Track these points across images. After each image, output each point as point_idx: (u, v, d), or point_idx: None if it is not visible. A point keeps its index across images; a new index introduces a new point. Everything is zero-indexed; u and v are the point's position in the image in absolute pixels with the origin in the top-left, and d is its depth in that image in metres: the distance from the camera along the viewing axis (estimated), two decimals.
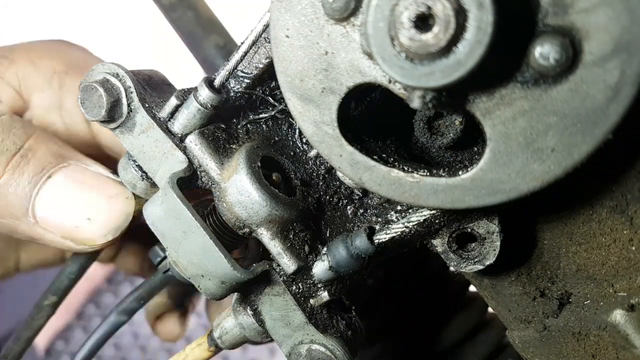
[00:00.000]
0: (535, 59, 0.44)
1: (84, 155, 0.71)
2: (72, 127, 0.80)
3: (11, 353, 0.84)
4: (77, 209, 0.66)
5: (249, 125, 0.67)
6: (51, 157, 0.66)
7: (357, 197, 0.66)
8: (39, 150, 0.65)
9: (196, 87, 0.62)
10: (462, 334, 0.89)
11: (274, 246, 0.61)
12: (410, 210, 0.60)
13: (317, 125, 0.53)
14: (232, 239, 0.64)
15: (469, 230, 0.60)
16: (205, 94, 0.61)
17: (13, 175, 0.65)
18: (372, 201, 0.65)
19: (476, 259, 0.60)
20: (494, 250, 0.59)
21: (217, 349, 0.73)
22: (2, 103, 0.75)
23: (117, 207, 0.66)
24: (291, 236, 0.62)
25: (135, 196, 0.69)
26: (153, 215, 0.60)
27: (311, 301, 0.64)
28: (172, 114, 0.64)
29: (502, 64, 0.45)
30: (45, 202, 0.66)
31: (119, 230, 0.68)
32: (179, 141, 0.63)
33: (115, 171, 0.70)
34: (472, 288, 0.80)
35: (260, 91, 0.67)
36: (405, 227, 0.59)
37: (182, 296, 1.14)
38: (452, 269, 0.63)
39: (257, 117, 0.67)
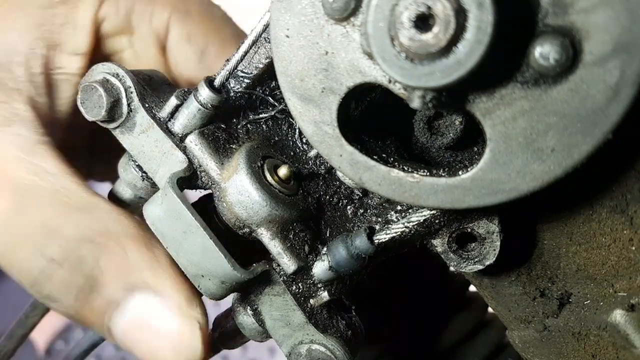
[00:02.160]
0: (535, 59, 0.44)
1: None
2: (144, 54, 0.79)
3: (4, 350, 0.84)
4: (144, 351, 0.65)
5: (249, 125, 0.67)
6: (120, 289, 0.63)
7: (357, 197, 0.66)
8: (110, 281, 0.63)
9: (196, 87, 0.62)
10: (462, 334, 0.89)
11: (274, 246, 0.61)
12: (410, 210, 0.60)
13: (317, 125, 0.53)
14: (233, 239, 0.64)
15: (469, 230, 0.60)
16: (205, 94, 0.61)
17: (84, 308, 0.64)
18: (372, 201, 0.65)
19: (476, 259, 0.60)
20: (494, 250, 0.59)
21: (217, 349, 0.73)
22: (85, 55, 0.73)
23: (185, 356, 0.63)
24: (291, 236, 0.62)
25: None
26: (153, 215, 0.60)
27: (311, 301, 0.64)
28: (172, 114, 0.64)
29: (502, 64, 0.45)
30: (117, 330, 0.65)
31: None
32: (179, 141, 0.63)
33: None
34: (472, 288, 0.80)
35: (260, 91, 0.67)
36: (405, 227, 0.59)
37: None
38: (452, 269, 0.63)
39: (257, 117, 0.67)
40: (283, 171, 0.62)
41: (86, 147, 0.91)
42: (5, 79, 0.70)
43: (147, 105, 0.64)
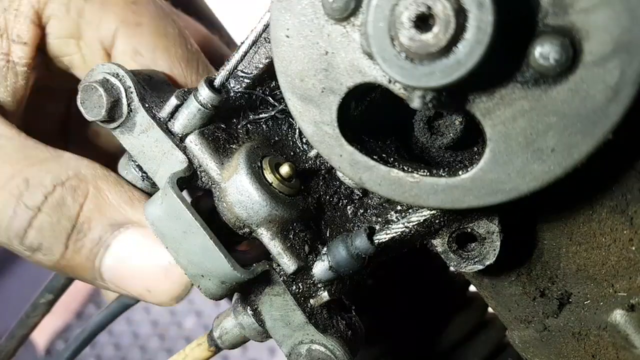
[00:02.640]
0: (535, 59, 0.44)
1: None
2: (91, 60, 0.77)
3: (5, 350, 0.84)
4: (137, 278, 0.68)
5: (249, 125, 0.67)
6: (106, 227, 0.67)
7: (357, 197, 0.66)
8: (93, 222, 0.66)
9: (196, 87, 0.62)
10: (462, 334, 0.89)
11: (274, 246, 0.61)
12: (410, 210, 0.60)
13: (317, 125, 0.53)
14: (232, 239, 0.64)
15: (469, 230, 0.60)
16: (205, 94, 0.61)
17: (74, 253, 0.67)
18: (372, 201, 0.65)
19: (476, 259, 0.60)
20: (494, 250, 0.59)
21: (217, 349, 0.73)
22: (27, 45, 0.72)
23: (175, 279, 0.66)
24: (291, 236, 0.62)
25: None
26: (153, 215, 0.60)
27: (311, 301, 0.64)
28: (172, 114, 0.64)
29: (502, 64, 0.45)
30: (108, 271, 0.69)
31: (181, 298, 0.69)
32: (179, 141, 0.63)
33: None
34: (472, 288, 0.80)
35: (260, 91, 0.67)
36: (405, 227, 0.59)
37: None
38: (452, 269, 0.63)
39: (257, 117, 0.67)
40: (285, 169, 0.62)
41: (61, 135, 0.92)
42: None
43: (147, 105, 0.64)
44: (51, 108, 0.89)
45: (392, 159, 0.55)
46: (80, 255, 0.67)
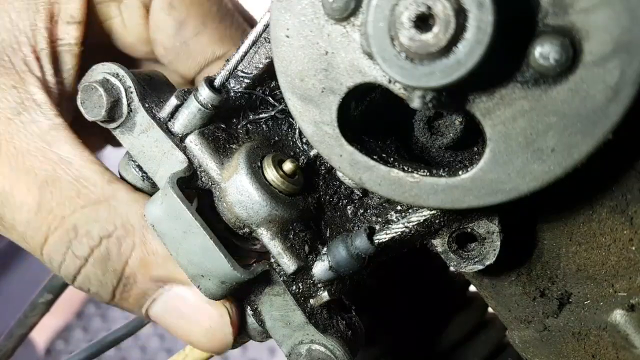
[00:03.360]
0: (535, 59, 0.44)
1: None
2: (130, 23, 0.78)
3: (4, 350, 0.84)
4: (181, 331, 0.69)
5: (249, 125, 0.67)
6: (152, 284, 0.68)
7: (357, 197, 0.66)
8: (138, 276, 0.67)
9: (196, 87, 0.62)
10: (462, 334, 0.89)
11: (274, 246, 0.61)
12: (410, 210, 0.60)
13: (317, 125, 0.53)
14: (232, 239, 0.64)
15: (469, 230, 0.60)
16: (205, 94, 0.61)
17: (121, 300, 0.69)
18: (372, 201, 0.65)
19: (476, 259, 0.60)
20: (494, 250, 0.59)
21: None
22: (81, 23, 0.72)
23: (216, 339, 0.68)
24: (291, 236, 0.62)
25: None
26: (153, 215, 0.60)
27: (311, 301, 0.64)
28: (172, 114, 0.64)
29: (502, 64, 0.45)
30: (155, 317, 0.71)
31: (223, 352, 0.70)
32: (179, 141, 0.63)
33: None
34: (472, 288, 0.80)
35: (260, 91, 0.67)
36: (405, 227, 0.59)
37: None
38: (452, 269, 0.63)
39: (257, 117, 0.67)
40: (288, 166, 0.62)
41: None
42: (15, 61, 0.70)
43: (147, 105, 0.64)
44: None
45: (392, 159, 0.55)
46: (128, 302, 0.69)
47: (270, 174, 0.61)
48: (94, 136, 0.76)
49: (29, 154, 0.67)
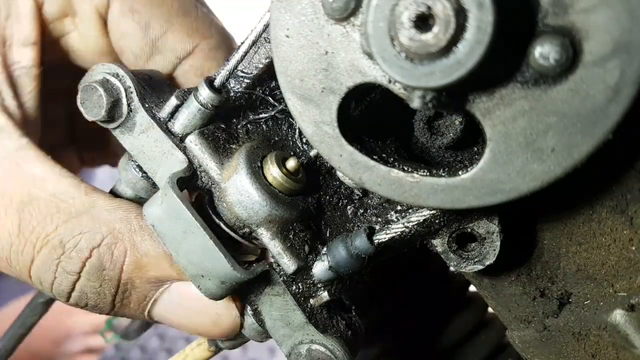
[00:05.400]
0: (535, 59, 0.44)
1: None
2: (88, 35, 0.76)
3: (3, 349, 0.84)
4: (188, 325, 0.69)
5: (249, 125, 0.67)
6: (151, 286, 0.67)
7: (357, 197, 0.66)
8: (136, 281, 0.66)
9: (196, 87, 0.62)
10: (462, 334, 0.89)
11: (274, 246, 0.61)
12: (410, 210, 0.60)
13: (317, 125, 0.53)
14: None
15: (469, 230, 0.60)
16: (205, 94, 0.61)
17: (122, 308, 0.68)
18: (372, 201, 0.65)
19: (476, 259, 0.60)
20: (494, 250, 0.59)
21: (217, 349, 0.73)
22: (36, 44, 0.71)
23: (225, 326, 0.67)
24: (291, 236, 0.62)
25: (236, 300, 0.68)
26: (153, 215, 0.60)
27: (311, 301, 0.64)
28: (172, 114, 0.64)
29: (502, 64, 0.45)
30: (159, 318, 0.70)
31: (232, 335, 0.70)
32: (179, 141, 0.63)
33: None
34: (472, 288, 0.80)
35: (260, 91, 0.67)
36: (405, 227, 0.59)
37: None
38: (452, 269, 0.63)
39: (257, 117, 0.67)
40: (291, 163, 0.62)
41: (68, 137, 0.91)
42: None
43: (147, 105, 0.64)
44: (53, 112, 0.87)
45: (392, 159, 0.55)
46: (129, 308, 0.68)
47: (274, 172, 0.61)
48: (64, 160, 0.74)
49: (3, 179, 0.66)
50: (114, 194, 0.71)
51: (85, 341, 2.33)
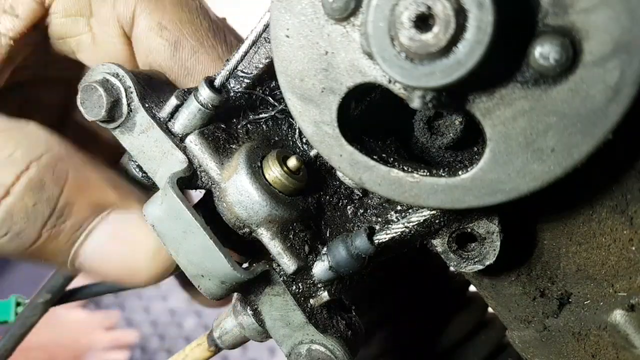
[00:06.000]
0: (535, 59, 0.44)
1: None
2: (103, 40, 0.71)
3: (3, 350, 0.84)
4: (121, 262, 0.64)
5: (249, 125, 0.67)
6: (88, 211, 0.61)
7: (357, 197, 0.66)
8: (75, 205, 0.60)
9: (196, 87, 0.62)
10: (462, 334, 0.89)
11: (274, 246, 0.61)
12: (410, 210, 0.60)
13: (317, 125, 0.53)
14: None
15: (469, 230, 0.60)
16: (205, 94, 0.61)
17: (49, 239, 0.61)
18: (372, 201, 0.65)
19: (476, 259, 0.60)
20: (494, 250, 0.59)
21: (217, 349, 0.73)
22: (19, 18, 0.66)
23: (163, 257, 0.64)
24: (291, 236, 0.62)
25: None
26: (153, 215, 0.60)
27: (311, 301, 0.64)
28: (172, 114, 0.64)
29: (502, 64, 0.45)
30: (86, 256, 0.64)
31: (165, 277, 0.66)
32: (179, 141, 0.63)
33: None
34: (472, 288, 0.80)
35: (260, 91, 0.67)
36: (405, 227, 0.59)
37: None
38: (452, 269, 0.63)
39: (257, 117, 0.67)
40: (293, 162, 0.62)
41: (61, 126, 0.88)
42: None
43: (147, 105, 0.64)
44: (47, 99, 0.85)
45: (392, 159, 0.55)
46: (57, 241, 0.61)
47: (275, 170, 0.61)
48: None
49: None
50: None
51: (105, 356, 2.38)
